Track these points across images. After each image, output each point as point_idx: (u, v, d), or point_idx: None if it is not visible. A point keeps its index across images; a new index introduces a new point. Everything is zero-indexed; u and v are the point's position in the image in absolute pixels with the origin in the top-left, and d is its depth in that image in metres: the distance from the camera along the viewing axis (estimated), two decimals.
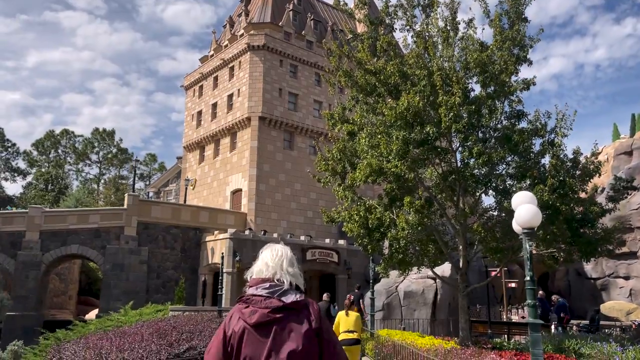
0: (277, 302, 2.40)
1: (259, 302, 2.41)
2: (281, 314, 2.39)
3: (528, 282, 5.35)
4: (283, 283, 2.48)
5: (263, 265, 2.55)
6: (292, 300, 2.43)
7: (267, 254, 2.60)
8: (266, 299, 2.42)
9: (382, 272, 16.87)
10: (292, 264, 2.56)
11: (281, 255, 2.57)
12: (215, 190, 36.43)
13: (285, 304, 2.40)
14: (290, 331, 2.38)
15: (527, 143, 13.52)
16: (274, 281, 2.48)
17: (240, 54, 36.27)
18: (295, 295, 2.47)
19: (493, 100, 14.14)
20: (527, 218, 5.25)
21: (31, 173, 66.94)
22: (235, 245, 25.78)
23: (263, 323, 2.36)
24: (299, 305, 2.44)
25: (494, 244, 14.14)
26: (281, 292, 2.45)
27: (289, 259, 2.58)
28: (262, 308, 2.39)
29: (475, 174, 14.05)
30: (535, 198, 5.81)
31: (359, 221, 15.10)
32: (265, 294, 2.44)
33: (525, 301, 22.24)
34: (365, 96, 15.92)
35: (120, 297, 24.54)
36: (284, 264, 2.54)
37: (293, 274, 2.53)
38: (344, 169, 16.39)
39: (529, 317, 5.44)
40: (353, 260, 30.32)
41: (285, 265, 2.53)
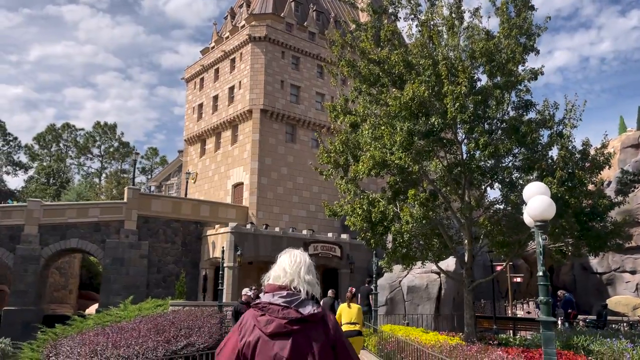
0: (295, 314, 2.39)
1: (276, 311, 2.40)
2: (298, 326, 2.38)
3: (541, 278, 5.08)
4: (300, 292, 2.47)
5: (281, 271, 2.54)
6: (310, 312, 2.41)
7: (285, 259, 2.59)
8: (284, 308, 2.40)
9: (385, 266, 16.64)
10: (309, 272, 2.55)
11: (299, 262, 2.56)
12: (216, 184, 36.20)
13: (303, 316, 2.39)
14: (307, 344, 2.37)
15: (535, 134, 13.21)
16: (291, 289, 2.47)
17: (242, 46, 35.92)
18: (313, 306, 2.45)
19: (500, 91, 13.82)
20: (540, 210, 4.97)
21: (33, 167, 66.87)
22: (236, 239, 25.57)
23: (280, 334, 2.36)
24: (316, 317, 2.43)
25: (500, 237, 13.86)
26: (298, 302, 2.43)
27: (307, 266, 2.56)
28: (280, 318, 2.38)
29: (482, 166, 13.75)
30: (548, 189, 5.53)
31: (362, 215, 14.85)
32: (282, 303, 2.42)
33: (531, 296, 21.96)
34: (368, 87, 15.61)
35: (120, 292, 24.37)
36: (301, 272, 2.52)
37: (310, 283, 2.51)
38: (347, 161, 16.11)
39: (542, 315, 5.18)
40: (356, 254, 30.09)
41: (303, 273, 2.52)
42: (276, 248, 26.87)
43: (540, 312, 18.15)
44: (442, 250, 16.42)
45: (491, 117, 14.21)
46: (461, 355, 10.58)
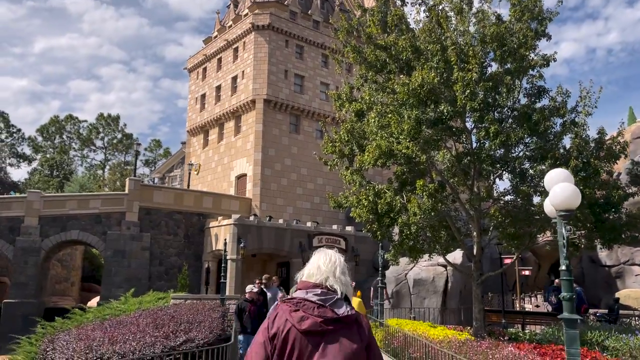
0: (330, 313, 2.37)
1: (311, 308, 2.38)
2: (332, 326, 2.36)
3: (564, 272, 4.70)
4: (335, 291, 2.46)
5: (315, 269, 2.52)
6: (345, 313, 2.40)
7: (320, 257, 2.58)
8: (319, 307, 2.39)
9: (391, 259, 16.29)
10: (344, 272, 2.54)
11: (335, 261, 2.55)
12: (219, 175, 35.87)
13: (338, 316, 2.37)
14: (340, 344, 2.35)
15: (549, 122, 12.76)
16: (325, 287, 2.46)
17: (245, 35, 35.44)
18: (346, 307, 2.43)
19: (511, 77, 13.36)
20: (564, 198, 4.57)
21: (36, 159, 66.92)
22: (239, 231, 25.26)
23: (314, 332, 2.34)
24: (351, 319, 2.41)
25: (511, 229, 13.46)
26: (333, 301, 2.41)
27: (342, 266, 2.55)
28: (315, 316, 2.36)
29: (492, 155, 13.33)
30: (571, 176, 5.13)
31: (367, 206, 14.47)
32: (317, 300, 2.40)
33: (539, 290, 21.52)
34: (374, 74, 15.17)
35: (122, 285, 24.13)
36: (337, 271, 2.51)
37: (345, 283, 2.51)
38: (352, 151, 15.71)
39: (565, 312, 4.80)
40: (361, 247, 29.75)
41: (339, 273, 2.50)
42: (280, 240, 26.57)
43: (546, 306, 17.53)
44: (449, 242, 16.05)
45: (501, 105, 13.77)
46: (471, 351, 10.23)
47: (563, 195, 4.59)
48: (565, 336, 4.67)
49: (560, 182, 4.76)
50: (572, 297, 4.69)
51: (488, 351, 9.99)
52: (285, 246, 26.76)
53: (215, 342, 9.81)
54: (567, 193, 4.58)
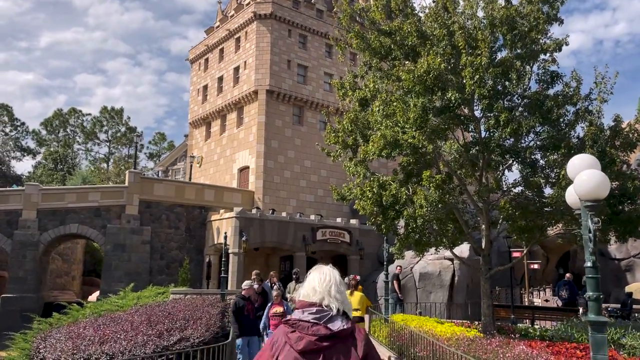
0: (324, 330, 2.43)
1: (306, 328, 2.45)
2: (328, 342, 2.42)
3: (589, 270, 4.24)
4: (331, 309, 2.50)
5: (310, 290, 2.57)
6: (339, 327, 2.45)
7: (315, 277, 2.62)
8: (313, 325, 2.45)
9: (396, 252, 15.85)
10: (340, 290, 2.58)
11: (329, 280, 2.59)
12: (222, 168, 35.46)
13: (332, 332, 2.43)
14: None
15: (562, 110, 12.22)
16: (321, 306, 2.51)
17: (247, 24, 34.88)
18: (342, 322, 2.48)
19: (522, 63, 12.81)
20: (591, 187, 4.09)
21: (40, 152, 66.99)
22: (241, 224, 24.86)
23: (310, 351, 2.40)
24: (346, 332, 2.46)
25: (522, 222, 12.95)
26: (328, 318, 2.47)
27: (337, 284, 2.59)
28: (309, 335, 2.42)
29: (502, 145, 12.81)
30: (598, 162, 4.64)
31: (372, 198, 14.00)
32: (312, 319, 2.47)
33: (547, 283, 21.01)
34: (379, 61, 14.66)
35: (122, 279, 23.81)
36: (332, 290, 2.55)
37: (341, 300, 2.55)
38: (356, 141, 15.23)
39: (591, 314, 4.34)
40: (366, 240, 29.31)
41: (334, 292, 2.55)
42: (283, 233, 26.16)
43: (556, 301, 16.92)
44: (456, 236, 15.58)
45: (511, 93, 13.24)
46: (480, 349, 9.77)
47: (590, 183, 4.11)
48: (591, 340, 4.22)
49: (586, 169, 4.28)
50: (599, 297, 4.23)
51: (498, 350, 9.53)
52: (289, 239, 26.36)
53: (212, 340, 9.40)
54: (594, 181, 4.10)
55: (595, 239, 12.61)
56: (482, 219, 14.98)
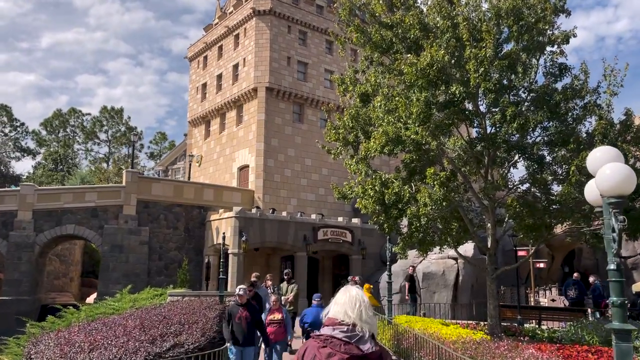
0: (356, 350, 2.56)
1: (338, 345, 2.56)
2: None
3: (613, 272, 3.88)
4: (362, 331, 2.62)
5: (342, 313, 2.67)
6: (369, 349, 2.57)
7: (345, 300, 2.71)
8: (345, 344, 2.57)
9: (399, 252, 15.51)
10: (369, 314, 2.69)
11: (359, 305, 2.68)
12: (221, 167, 35.11)
13: (363, 353, 2.55)
14: None
15: (571, 103, 11.84)
16: (351, 325, 2.63)
17: (246, 20, 34.50)
18: (371, 344, 2.60)
19: (529, 54, 12.42)
20: (616, 182, 3.72)
21: (40, 153, 66.97)
22: (241, 224, 24.50)
23: None
24: (375, 355, 2.59)
25: (529, 220, 12.58)
26: (358, 338, 2.59)
27: (366, 307, 2.69)
28: (342, 353, 2.54)
29: (509, 141, 12.43)
30: (621, 155, 4.28)
31: (374, 197, 13.65)
32: (343, 337, 2.58)
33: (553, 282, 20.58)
34: (380, 55, 14.30)
35: (119, 280, 23.49)
36: (363, 315, 2.66)
37: (371, 323, 2.66)
38: (357, 138, 14.89)
39: (616, 321, 3.97)
40: (368, 239, 28.95)
41: (365, 316, 2.66)
42: (283, 233, 25.80)
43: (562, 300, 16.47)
44: (461, 234, 15.22)
45: (517, 87, 12.87)
46: (488, 353, 9.41)
47: (614, 178, 3.74)
48: (615, 350, 3.86)
49: (609, 162, 3.92)
50: (623, 302, 3.87)
51: (507, 353, 9.18)
52: (289, 239, 26.01)
53: (208, 346, 9.05)
54: (619, 176, 3.73)
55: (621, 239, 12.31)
56: (487, 218, 14.63)
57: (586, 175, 11.24)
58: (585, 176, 11.19)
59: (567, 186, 11.31)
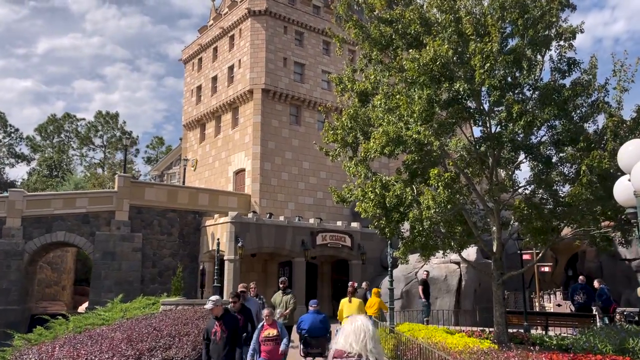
0: None
1: None
2: None
3: None
4: None
5: (348, 346, 2.91)
6: None
7: (350, 333, 2.94)
8: None
9: (400, 257, 15.03)
10: (375, 344, 2.93)
11: (364, 336, 2.91)
12: (217, 171, 34.64)
13: None
14: None
15: (579, 100, 11.40)
16: (356, 356, 2.89)
17: (241, 21, 34.09)
18: None
19: (534, 50, 11.97)
20: None
21: (35, 159, 66.65)
22: (237, 229, 24.01)
23: None
24: None
25: (537, 223, 12.11)
26: None
27: (372, 337, 2.93)
28: None
29: (515, 140, 11.97)
30: None
31: (374, 200, 13.17)
32: None
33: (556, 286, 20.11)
34: (379, 52, 13.83)
35: (112, 288, 22.97)
36: (368, 345, 2.90)
37: (377, 353, 2.92)
38: (356, 139, 14.42)
39: None
40: (368, 244, 28.48)
41: (370, 346, 2.90)
42: (281, 238, 25.31)
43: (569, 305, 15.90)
44: (464, 238, 14.75)
45: (521, 84, 12.42)
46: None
47: None
48: None
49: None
50: None
51: None
52: (287, 244, 25.51)
53: (199, 359, 8.56)
54: None
55: (613, 238, 11.71)
56: (492, 220, 14.16)
57: (597, 175, 10.81)
58: (596, 176, 10.76)
59: (577, 187, 10.86)
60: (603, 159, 10.44)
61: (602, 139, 11.45)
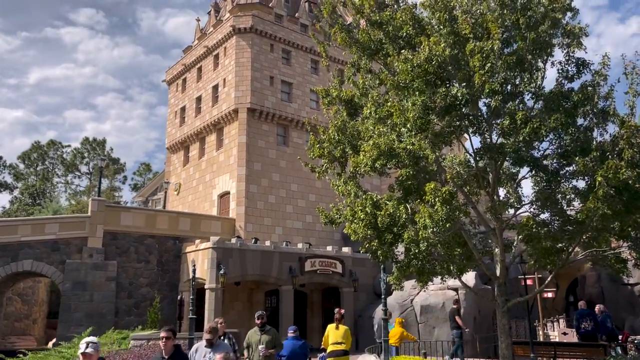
0: None
1: None
2: None
3: None
4: None
5: None
6: None
7: None
8: None
9: (394, 283, 13.87)
10: None
11: None
12: (200, 195, 33.40)
13: None
14: None
15: (588, 106, 10.45)
16: None
17: (225, 39, 33.34)
18: None
19: (536, 54, 11.07)
20: None
21: (17, 187, 65.35)
22: (219, 255, 22.70)
23: None
24: None
25: (547, 242, 11.02)
26: None
27: None
28: None
29: (520, 150, 10.97)
30: None
31: (365, 220, 12.06)
32: None
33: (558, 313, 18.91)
34: (368, 59, 12.91)
35: (82, 321, 21.47)
36: None
37: None
38: (344, 153, 13.38)
39: None
40: (360, 270, 27.21)
41: None
42: (267, 265, 24.01)
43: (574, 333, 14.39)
44: (464, 262, 13.64)
45: (522, 92, 11.49)
46: None
47: None
48: None
49: None
50: None
51: None
52: (273, 272, 24.19)
53: None
54: None
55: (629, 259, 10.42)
56: (494, 242, 13.08)
57: (614, 188, 9.80)
58: (613, 188, 9.74)
59: (592, 200, 9.82)
60: (619, 169, 9.44)
61: (615, 147, 10.48)
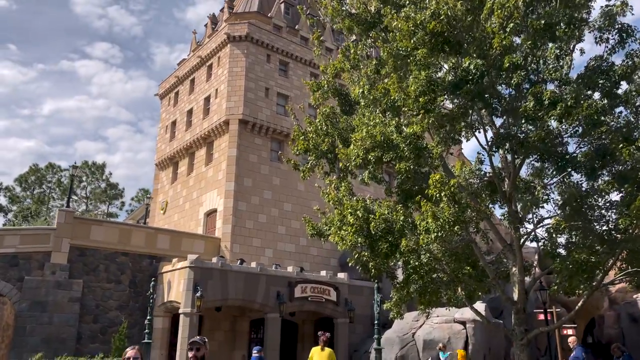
0: None
1: None
2: None
3: None
4: None
5: None
6: None
7: None
8: None
9: (392, 309, 11.79)
10: None
11: None
12: (187, 214, 31.39)
13: None
14: None
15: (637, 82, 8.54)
16: None
17: (220, 48, 31.87)
18: None
19: (569, 25, 9.22)
20: None
21: (12, 210, 64.24)
22: (197, 276, 20.53)
23: None
24: None
25: (582, 255, 8.92)
26: None
27: None
28: None
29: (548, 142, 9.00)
30: None
31: (355, 225, 10.07)
32: None
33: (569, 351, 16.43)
34: (364, 33, 11.10)
35: (38, 347, 19.23)
36: None
37: None
38: (333, 146, 11.48)
39: None
40: (357, 299, 24.91)
41: None
42: (251, 289, 21.77)
43: None
44: (472, 285, 11.54)
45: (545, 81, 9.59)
46: None
47: None
48: None
49: None
50: None
51: None
52: (259, 297, 21.95)
53: None
54: None
55: None
56: (511, 259, 11.01)
57: None
58: None
59: None
60: None
61: None
